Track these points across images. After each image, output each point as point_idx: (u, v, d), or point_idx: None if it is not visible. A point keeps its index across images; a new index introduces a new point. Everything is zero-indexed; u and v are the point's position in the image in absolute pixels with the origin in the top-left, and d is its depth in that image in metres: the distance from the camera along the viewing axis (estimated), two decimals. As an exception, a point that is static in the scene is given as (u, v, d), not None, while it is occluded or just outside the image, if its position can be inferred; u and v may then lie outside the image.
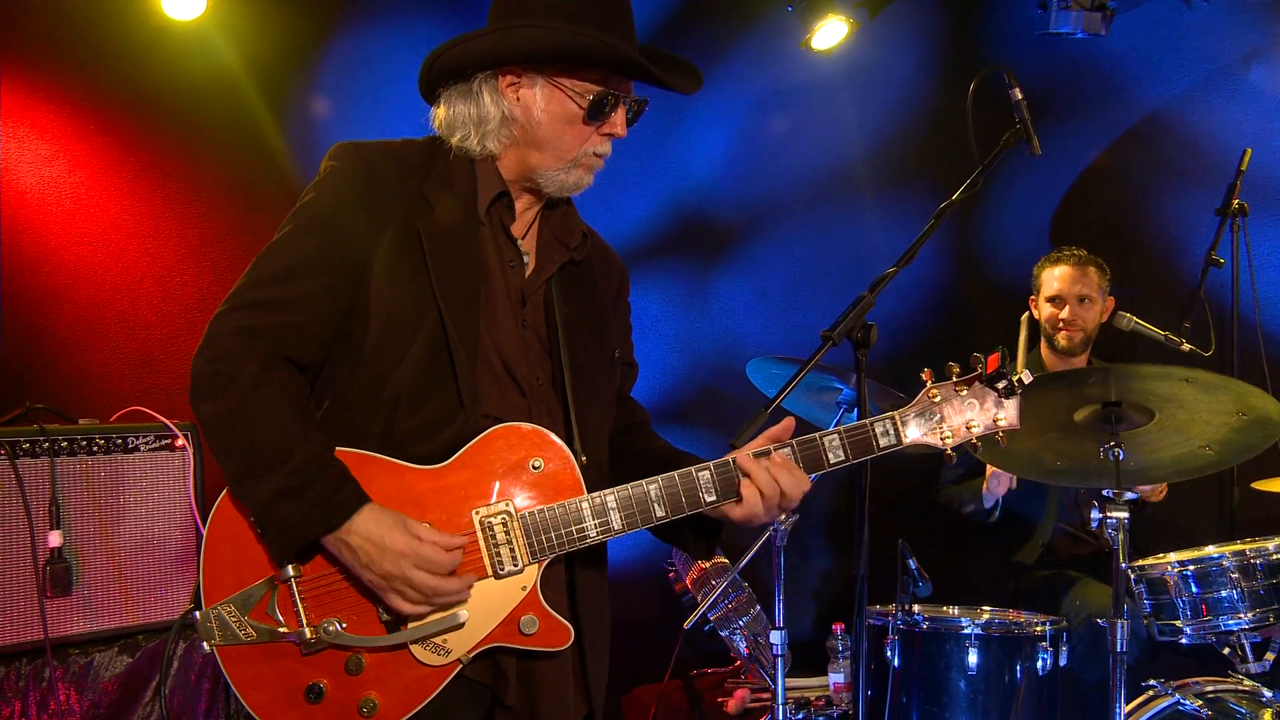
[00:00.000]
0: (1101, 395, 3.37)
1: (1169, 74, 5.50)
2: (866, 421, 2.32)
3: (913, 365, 5.15)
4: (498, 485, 2.21)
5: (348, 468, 2.14)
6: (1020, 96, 2.98)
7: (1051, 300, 4.73)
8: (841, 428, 2.33)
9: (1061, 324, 4.69)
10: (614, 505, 2.24)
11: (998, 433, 2.36)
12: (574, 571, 2.34)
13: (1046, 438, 3.52)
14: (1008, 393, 2.34)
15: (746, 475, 2.28)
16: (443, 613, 2.16)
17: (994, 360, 2.33)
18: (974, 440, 2.36)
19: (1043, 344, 4.82)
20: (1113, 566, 3.38)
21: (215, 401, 2.13)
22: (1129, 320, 4.63)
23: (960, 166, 2.99)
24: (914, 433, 2.34)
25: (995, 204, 5.63)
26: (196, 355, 2.16)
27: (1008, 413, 2.35)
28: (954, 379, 2.36)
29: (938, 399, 2.34)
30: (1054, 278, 4.73)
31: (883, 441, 2.33)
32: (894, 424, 2.33)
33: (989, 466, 4.40)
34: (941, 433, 2.34)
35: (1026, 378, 2.34)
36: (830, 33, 5.29)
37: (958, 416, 2.34)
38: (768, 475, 2.27)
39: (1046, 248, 5.08)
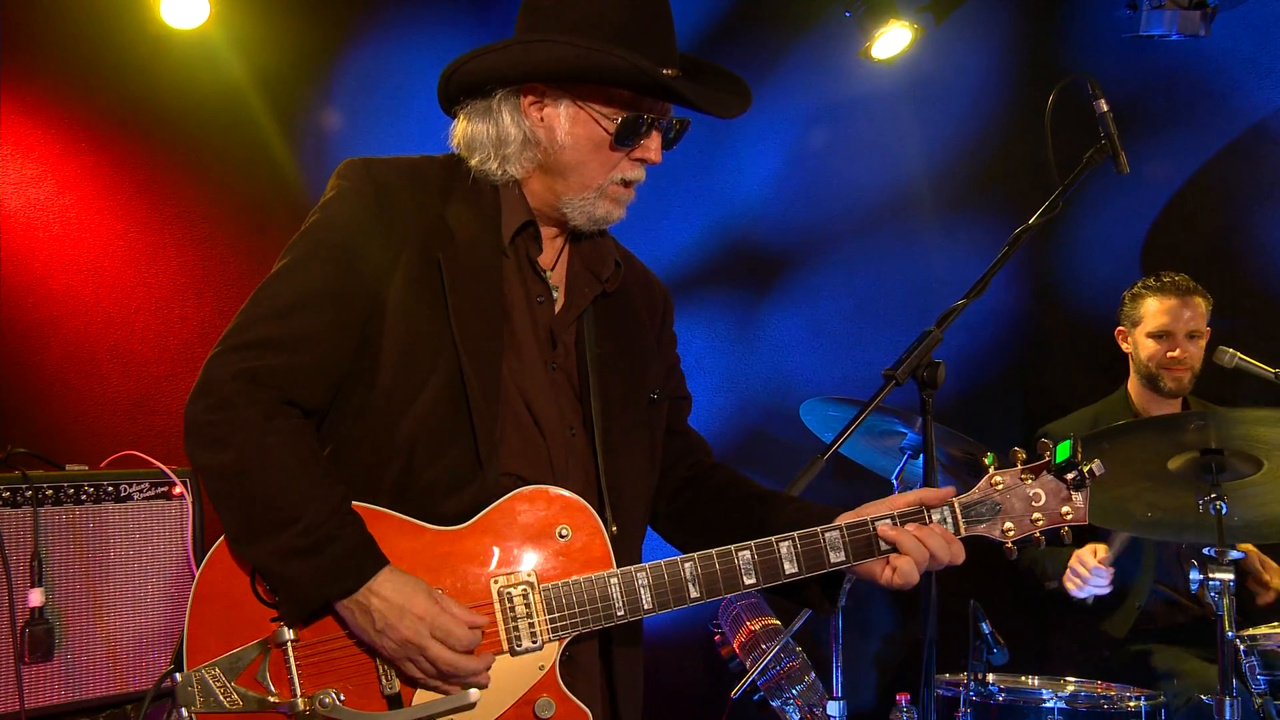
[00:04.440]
0: (1201, 442, 3.31)
1: (1279, 78, 5.43)
2: (923, 510, 2.33)
3: (983, 407, 5.14)
4: (520, 553, 2.21)
5: (365, 523, 2.13)
6: (1106, 108, 2.99)
7: (1156, 336, 4.63)
8: (895, 513, 2.33)
9: (1171, 363, 4.59)
10: (645, 583, 2.23)
11: (1063, 527, 2.38)
12: (610, 640, 2.33)
13: (1136, 487, 3.45)
14: (1077, 485, 2.36)
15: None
16: (451, 690, 2.14)
17: None
18: (1037, 535, 2.37)
19: (1132, 382, 4.75)
20: (1218, 636, 3.30)
21: (215, 454, 2.12)
22: (1232, 356, 4.48)
23: (1037, 186, 2.97)
24: (974, 523, 2.36)
25: (1078, 227, 5.58)
26: (191, 400, 2.16)
27: (1076, 506, 2.37)
28: (1020, 466, 2.38)
29: (1000, 487, 2.37)
30: (1160, 310, 4.62)
31: None
32: (952, 512, 2.34)
33: (1076, 558, 4.24)
34: (1003, 525, 2.36)
35: (1098, 470, 2.35)
36: (892, 40, 5.30)
37: (1021, 506, 2.36)
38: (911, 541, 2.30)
39: (1136, 276, 5.00)
